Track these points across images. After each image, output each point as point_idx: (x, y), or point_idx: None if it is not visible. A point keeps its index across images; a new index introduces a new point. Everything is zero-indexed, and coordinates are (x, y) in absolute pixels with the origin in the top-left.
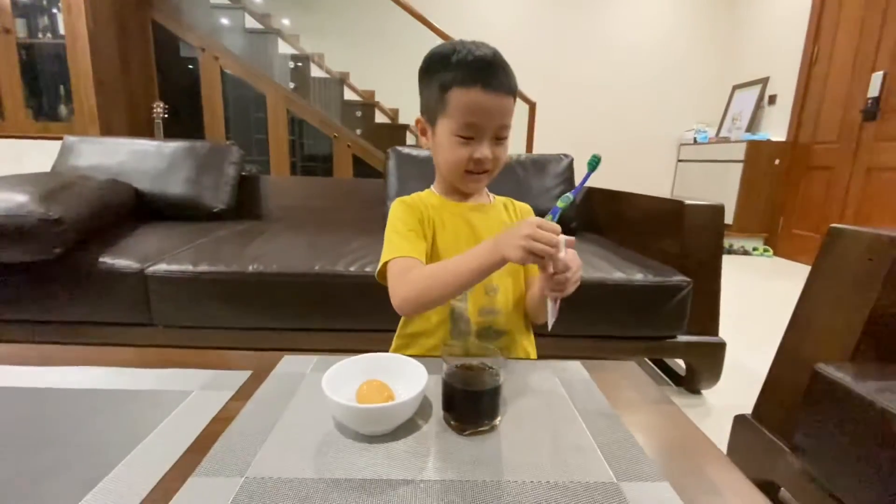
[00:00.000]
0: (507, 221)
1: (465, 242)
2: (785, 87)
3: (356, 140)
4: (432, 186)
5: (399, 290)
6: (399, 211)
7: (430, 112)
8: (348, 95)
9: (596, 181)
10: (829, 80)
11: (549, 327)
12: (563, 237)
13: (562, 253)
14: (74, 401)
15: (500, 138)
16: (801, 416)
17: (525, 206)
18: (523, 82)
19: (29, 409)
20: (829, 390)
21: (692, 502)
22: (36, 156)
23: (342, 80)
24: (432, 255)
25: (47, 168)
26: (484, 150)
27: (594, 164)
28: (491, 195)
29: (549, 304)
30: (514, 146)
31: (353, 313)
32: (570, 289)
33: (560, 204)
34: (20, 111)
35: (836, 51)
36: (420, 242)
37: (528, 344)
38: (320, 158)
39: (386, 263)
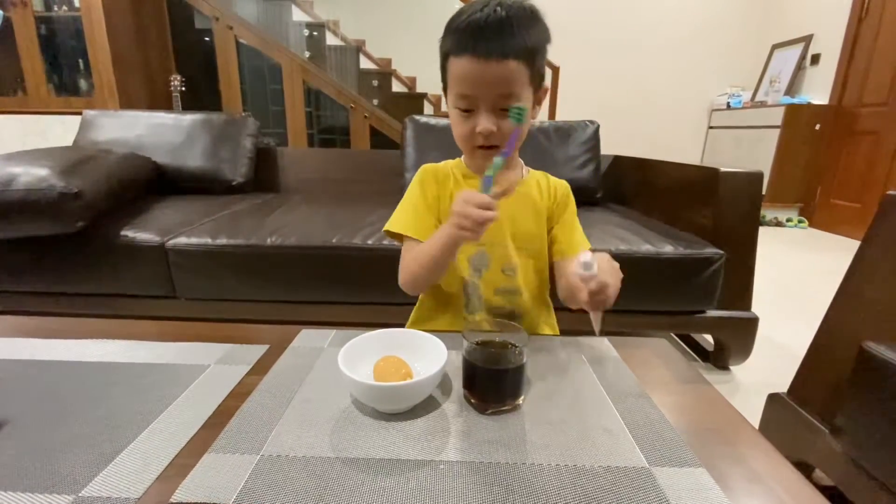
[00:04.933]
0: (537, 199)
1: None
2: (830, 45)
3: (373, 110)
4: (462, 157)
5: (400, 274)
6: (420, 179)
7: (443, 81)
8: (364, 64)
9: (622, 149)
10: (880, 36)
11: (598, 333)
12: (589, 255)
13: (591, 284)
14: (94, 374)
15: (505, 109)
16: (845, 397)
17: (561, 183)
18: None
19: (50, 381)
20: (878, 370)
21: (732, 490)
22: (60, 130)
23: (358, 48)
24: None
25: (70, 143)
26: (484, 124)
27: (519, 115)
28: (525, 169)
29: (592, 314)
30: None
31: (371, 286)
32: (610, 302)
33: (489, 172)
34: (42, 86)
35: (888, 3)
36: (428, 219)
37: (550, 324)
38: (337, 130)
39: (396, 235)
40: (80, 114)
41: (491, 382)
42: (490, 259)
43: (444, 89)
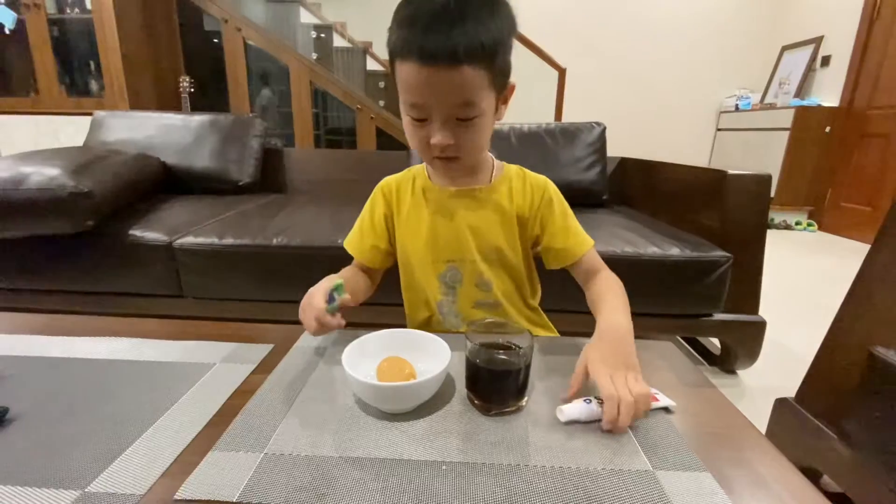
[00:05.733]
0: (506, 207)
1: (430, 234)
2: (840, 46)
3: (379, 111)
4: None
5: None
6: (372, 197)
7: (393, 78)
8: (371, 66)
9: (628, 151)
10: (892, 38)
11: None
12: (566, 412)
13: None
14: (101, 371)
15: (462, 119)
16: (853, 402)
17: (539, 180)
18: (553, 47)
19: (57, 378)
20: (887, 376)
21: (736, 495)
22: (71, 131)
23: (365, 50)
24: (399, 247)
25: (81, 143)
26: (439, 137)
27: (337, 292)
28: (495, 168)
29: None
30: (542, 115)
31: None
32: (622, 421)
33: (332, 300)
34: (54, 87)
35: None
36: (369, 239)
37: (543, 326)
38: (344, 131)
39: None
40: (90, 114)
41: (494, 384)
42: (462, 275)
43: (396, 87)
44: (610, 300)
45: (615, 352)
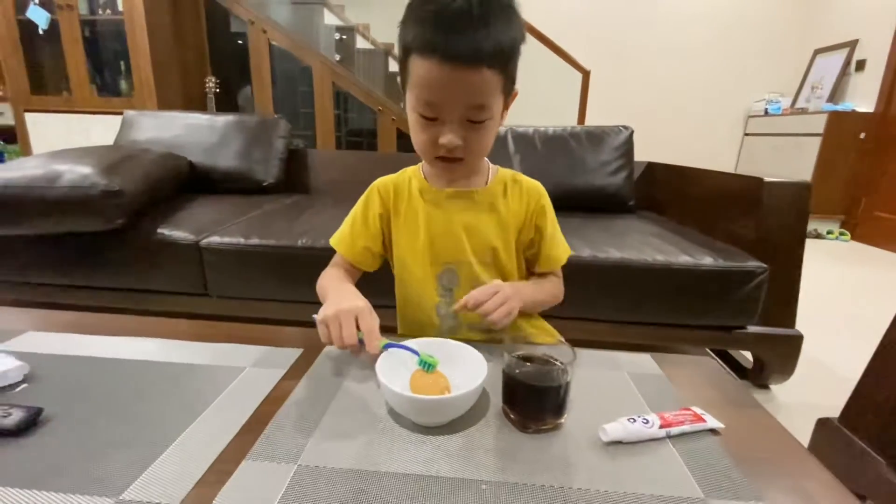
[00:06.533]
0: (502, 210)
1: (427, 236)
2: (876, 50)
3: (400, 113)
4: (421, 163)
5: (318, 281)
6: (367, 196)
7: (402, 74)
8: (393, 67)
9: (652, 155)
10: None
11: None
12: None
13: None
14: (133, 372)
15: (473, 121)
16: None
17: (534, 185)
18: (577, 49)
19: (89, 378)
20: None
21: None
22: (101, 129)
23: (387, 52)
24: (395, 249)
25: (111, 141)
26: (449, 136)
27: (429, 367)
28: (491, 171)
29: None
30: (566, 117)
31: None
32: (495, 317)
33: (423, 361)
34: (85, 87)
35: None
36: (362, 239)
37: (542, 329)
38: (365, 132)
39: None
40: (120, 113)
41: (532, 400)
42: (459, 277)
43: (403, 84)
44: (540, 281)
45: (512, 288)
